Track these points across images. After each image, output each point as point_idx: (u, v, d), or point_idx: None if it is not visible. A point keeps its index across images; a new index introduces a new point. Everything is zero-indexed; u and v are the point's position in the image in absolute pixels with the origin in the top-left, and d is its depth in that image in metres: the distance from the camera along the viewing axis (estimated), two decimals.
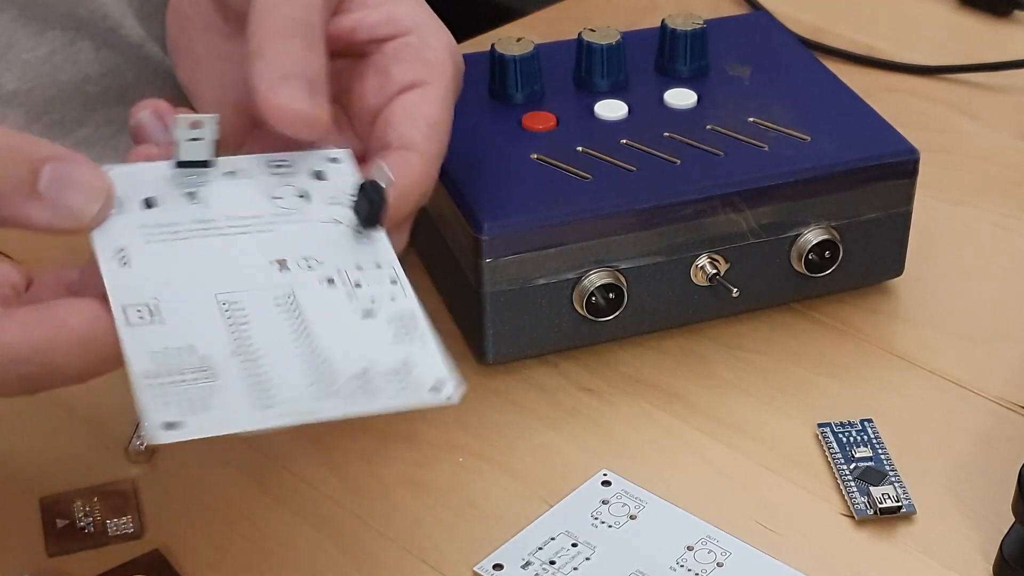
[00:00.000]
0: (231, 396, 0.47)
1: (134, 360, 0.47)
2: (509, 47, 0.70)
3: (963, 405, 0.65)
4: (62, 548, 0.58)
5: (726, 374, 0.66)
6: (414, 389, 0.49)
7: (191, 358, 0.48)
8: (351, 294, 0.51)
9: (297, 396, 0.48)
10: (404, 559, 0.58)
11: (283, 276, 0.51)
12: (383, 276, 0.52)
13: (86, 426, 0.63)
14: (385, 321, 0.51)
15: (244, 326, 0.49)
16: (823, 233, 0.67)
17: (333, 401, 0.48)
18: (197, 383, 0.47)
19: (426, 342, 0.50)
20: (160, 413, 0.46)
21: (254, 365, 0.48)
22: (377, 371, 0.49)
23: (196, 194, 0.53)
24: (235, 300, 0.50)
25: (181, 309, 0.49)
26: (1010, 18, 0.91)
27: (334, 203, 0.54)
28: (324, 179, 0.54)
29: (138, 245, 0.51)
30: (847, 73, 0.78)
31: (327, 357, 0.49)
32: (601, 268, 0.64)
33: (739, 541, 0.58)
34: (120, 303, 0.49)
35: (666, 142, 0.67)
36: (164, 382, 0.47)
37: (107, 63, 0.79)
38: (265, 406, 0.47)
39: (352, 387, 0.49)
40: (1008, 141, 0.81)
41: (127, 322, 0.48)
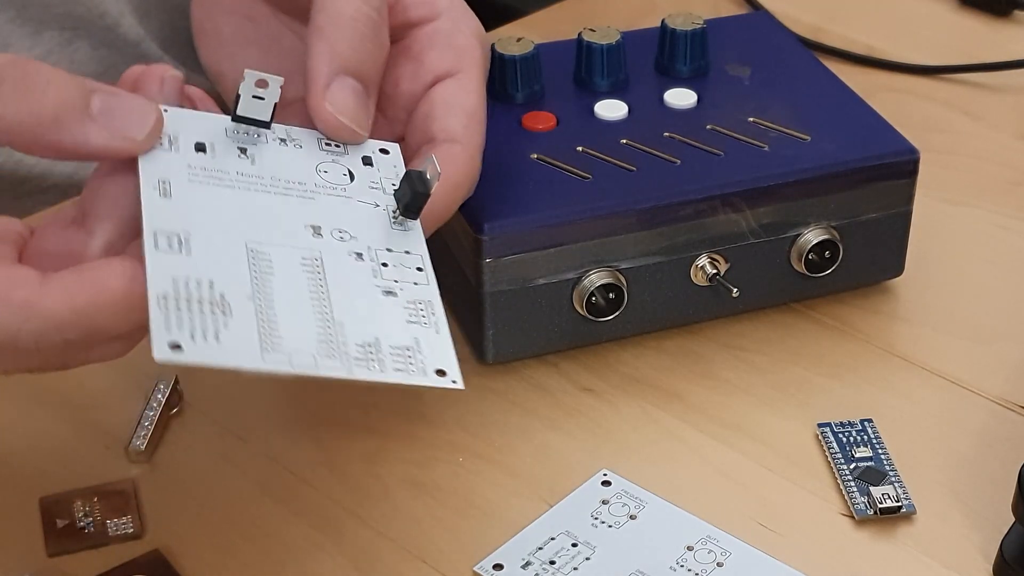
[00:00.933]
0: (240, 333, 0.48)
1: (153, 281, 0.48)
2: (509, 47, 0.70)
3: (963, 405, 0.65)
4: (62, 548, 0.58)
5: (726, 374, 0.66)
6: (420, 368, 0.50)
7: (209, 292, 0.48)
8: (376, 271, 0.52)
9: (304, 348, 0.48)
10: (404, 559, 0.58)
11: (315, 241, 0.52)
12: (411, 262, 0.53)
13: (86, 426, 0.63)
14: (404, 302, 0.51)
15: (267, 275, 0.50)
16: (823, 233, 0.67)
17: (338, 361, 0.49)
18: (211, 315, 0.48)
19: (440, 330, 0.51)
20: (169, 332, 0.47)
21: (268, 311, 0.49)
22: (387, 344, 0.50)
23: (247, 151, 0.54)
24: (263, 251, 0.51)
25: (209, 246, 0.50)
26: (1010, 18, 0.91)
27: (375, 188, 0.55)
28: (371, 165, 0.56)
29: (181, 180, 0.52)
30: (847, 73, 0.78)
31: (341, 320, 0.50)
32: (601, 268, 0.64)
33: (739, 541, 0.58)
34: (152, 228, 0.49)
35: (666, 142, 0.67)
36: (179, 306, 0.47)
37: (104, 62, 0.79)
38: (271, 350, 0.48)
39: (359, 353, 0.49)
40: (1008, 141, 0.81)
41: (155, 246, 0.49)
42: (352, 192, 0.55)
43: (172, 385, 0.63)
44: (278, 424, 0.63)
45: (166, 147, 0.53)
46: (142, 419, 0.62)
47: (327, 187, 0.54)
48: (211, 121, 0.54)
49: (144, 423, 0.62)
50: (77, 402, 0.64)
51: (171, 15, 0.82)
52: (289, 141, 0.55)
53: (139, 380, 0.64)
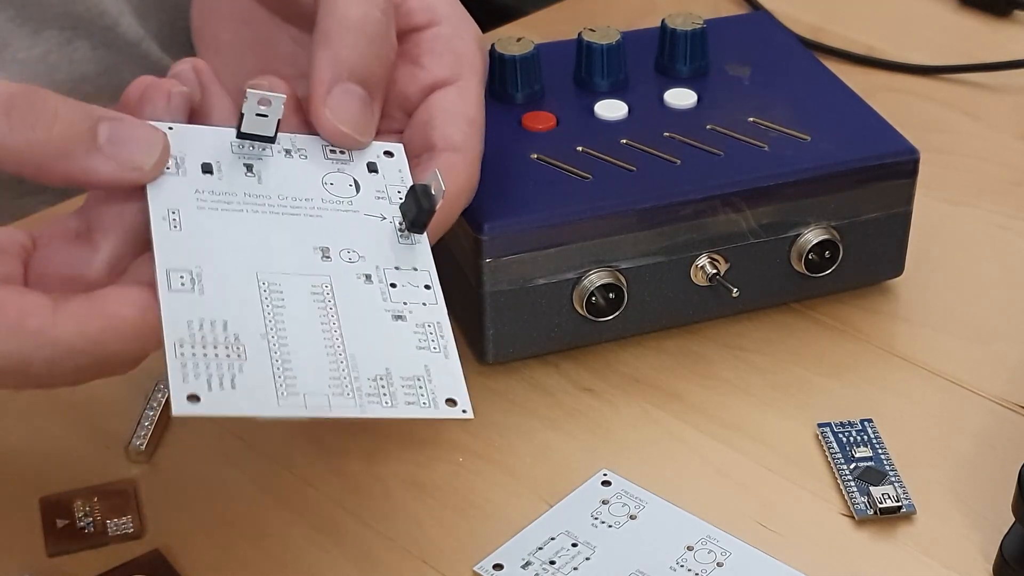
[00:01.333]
0: (256, 379, 0.48)
1: (169, 327, 0.48)
2: (509, 47, 0.70)
3: (963, 405, 0.65)
4: (62, 548, 0.58)
5: (726, 374, 0.66)
6: (431, 399, 0.50)
7: (224, 334, 0.49)
8: (385, 294, 0.52)
9: (317, 389, 0.49)
10: (404, 559, 0.58)
11: (324, 265, 0.52)
12: (419, 280, 0.53)
13: (86, 426, 0.63)
14: (413, 326, 0.52)
15: (280, 309, 0.50)
16: (823, 233, 0.67)
17: (351, 400, 0.49)
18: (226, 359, 0.48)
19: (448, 354, 0.51)
20: (186, 384, 0.47)
21: (282, 350, 0.49)
22: (398, 375, 0.50)
23: (253, 167, 0.54)
24: (275, 282, 0.51)
25: (222, 281, 0.50)
26: (1010, 18, 0.91)
27: (381, 198, 0.55)
28: (376, 172, 0.56)
29: (189, 209, 0.52)
30: (847, 73, 0.78)
31: (353, 353, 0.50)
32: (601, 268, 0.64)
33: (739, 541, 0.58)
34: (165, 266, 0.50)
35: (666, 142, 0.67)
36: (195, 352, 0.48)
37: (104, 62, 0.79)
38: (285, 394, 0.48)
39: (371, 388, 0.50)
40: (1008, 141, 0.81)
41: (168, 287, 0.49)
42: (358, 205, 0.55)
43: None
44: (278, 424, 0.63)
45: (173, 170, 0.53)
46: (142, 419, 0.62)
47: (334, 201, 0.54)
48: (216, 136, 0.54)
49: (144, 423, 0.62)
50: (77, 402, 0.64)
51: (170, 15, 0.82)
52: (294, 152, 0.55)
53: (139, 380, 0.64)
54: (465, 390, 0.51)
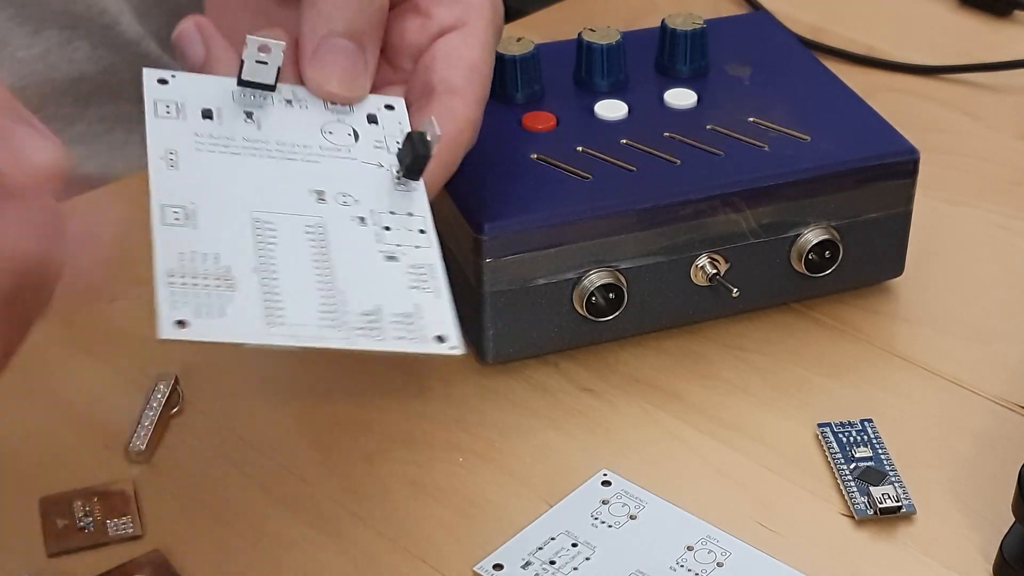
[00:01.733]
0: (244, 308, 0.48)
1: (161, 258, 0.49)
2: (509, 47, 0.70)
3: (963, 405, 0.64)
4: (62, 548, 0.58)
5: (726, 374, 0.66)
6: (420, 335, 0.50)
7: (215, 266, 0.49)
8: (379, 236, 0.52)
9: (306, 320, 0.49)
10: (404, 559, 0.58)
11: (319, 207, 0.52)
12: (413, 224, 0.53)
13: (86, 426, 0.63)
14: (406, 267, 0.52)
15: (271, 245, 0.51)
16: (823, 233, 0.67)
17: (340, 331, 0.49)
18: (216, 290, 0.48)
19: (440, 294, 0.52)
20: (174, 310, 0.47)
21: (272, 283, 0.49)
22: (388, 311, 0.50)
23: (253, 115, 0.55)
24: (268, 220, 0.51)
25: (215, 218, 0.51)
26: (1010, 18, 0.91)
27: (379, 147, 0.55)
28: (376, 123, 0.56)
29: (188, 150, 0.53)
30: (847, 73, 0.78)
31: (343, 289, 0.50)
32: (601, 268, 0.64)
33: (739, 541, 0.58)
34: (159, 202, 0.50)
35: (666, 142, 0.67)
36: (185, 282, 0.48)
37: (103, 61, 0.79)
38: (274, 323, 0.48)
39: (361, 322, 0.50)
40: (1008, 141, 0.81)
41: (162, 221, 0.50)
42: (356, 153, 0.55)
43: (172, 385, 0.63)
44: (278, 424, 0.63)
45: (173, 115, 0.54)
46: (142, 419, 0.62)
47: (332, 149, 0.55)
48: (217, 85, 0.55)
49: (144, 423, 0.62)
50: (77, 402, 0.64)
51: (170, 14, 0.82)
52: (295, 102, 0.56)
53: (139, 380, 0.64)
54: (456, 328, 0.51)
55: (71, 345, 0.66)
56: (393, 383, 0.65)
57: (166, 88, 0.55)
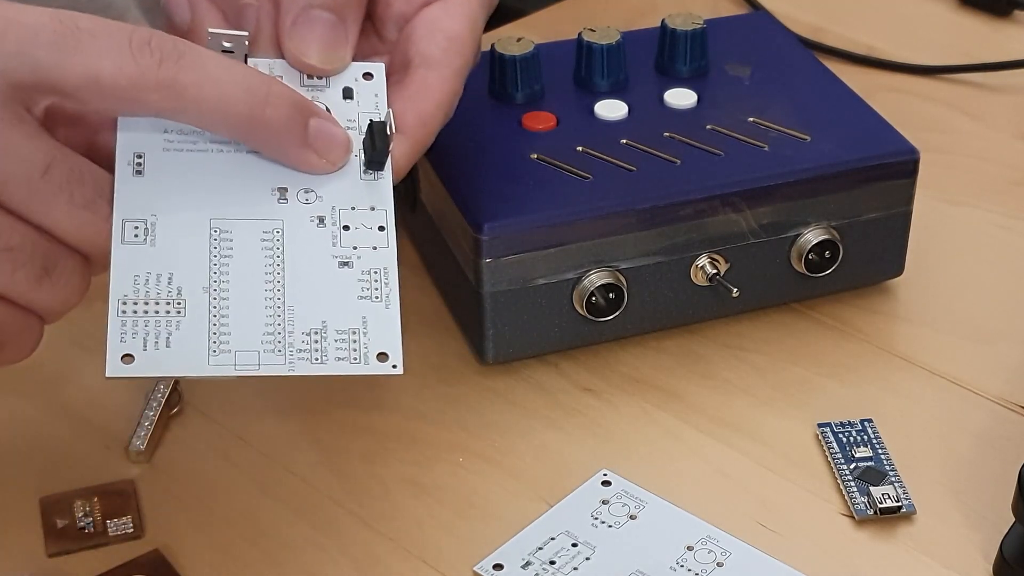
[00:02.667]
0: (190, 337, 0.49)
1: (116, 282, 0.49)
2: (509, 47, 0.70)
3: (963, 405, 0.65)
4: (62, 548, 0.58)
5: (726, 374, 0.66)
6: (363, 355, 0.51)
7: (167, 288, 0.50)
8: (336, 237, 0.53)
9: (249, 346, 0.50)
10: (404, 559, 0.58)
11: (279, 208, 0.53)
12: (374, 221, 0.53)
13: (86, 426, 0.63)
14: (359, 273, 0.52)
15: (227, 259, 0.51)
16: (823, 233, 0.67)
17: (280, 357, 0.50)
18: (166, 316, 0.49)
19: (389, 304, 0.52)
20: (122, 344, 0.48)
21: (222, 304, 0.50)
22: (332, 328, 0.51)
23: None
24: (226, 228, 0.52)
25: (174, 230, 0.51)
26: (1010, 18, 0.91)
27: (351, 127, 0.55)
28: (351, 98, 0.56)
29: (156, 153, 0.53)
30: (847, 73, 0.78)
31: (291, 305, 0.51)
32: (601, 268, 0.64)
33: (739, 541, 0.58)
34: (121, 216, 0.51)
35: (666, 142, 0.67)
36: (136, 310, 0.49)
37: None
38: (217, 352, 0.49)
39: (303, 343, 0.50)
40: (1008, 141, 0.81)
41: (122, 240, 0.50)
42: None
43: (172, 385, 0.63)
44: (278, 424, 0.63)
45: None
46: (142, 419, 0.62)
47: None
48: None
49: (144, 423, 0.62)
50: (77, 402, 0.64)
51: None
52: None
53: (139, 380, 0.64)
54: (399, 344, 0.51)
55: (72, 345, 0.66)
56: (393, 383, 0.65)
57: None
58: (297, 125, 0.52)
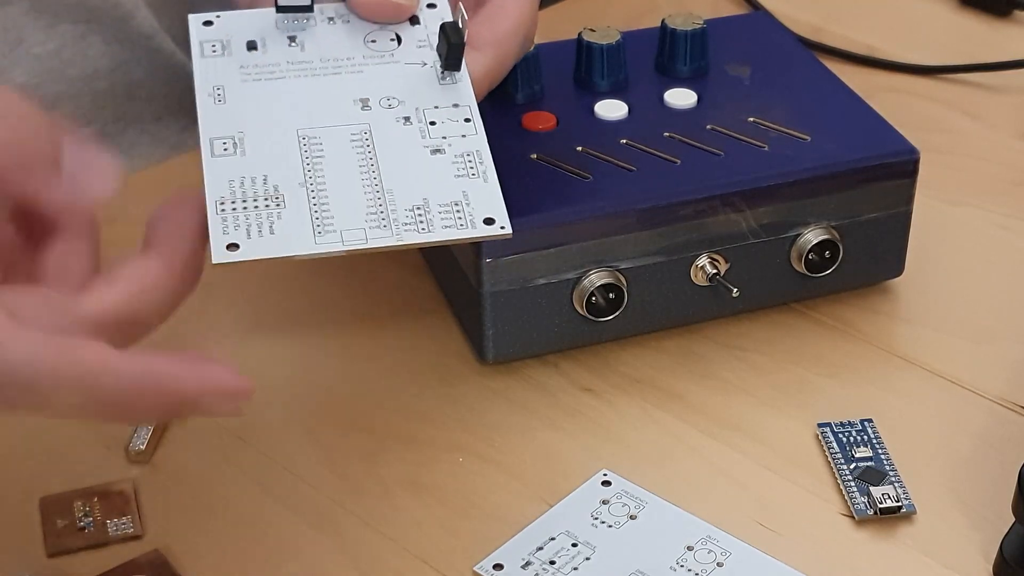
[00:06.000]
0: (293, 223, 0.50)
1: (211, 187, 0.50)
2: None
3: (963, 405, 0.65)
4: (62, 548, 0.58)
5: (726, 374, 0.66)
6: (468, 220, 0.52)
7: (263, 187, 0.51)
8: (424, 132, 0.54)
9: (355, 223, 0.50)
10: (404, 559, 0.58)
11: (364, 114, 0.54)
12: (458, 115, 0.55)
13: (86, 426, 0.63)
14: (452, 157, 0.53)
15: (318, 159, 0.52)
16: (823, 233, 0.67)
17: (387, 231, 0.51)
18: (265, 209, 0.50)
19: (488, 178, 0.53)
20: (224, 236, 0.49)
21: (321, 194, 0.51)
22: (435, 202, 0.52)
23: (296, 38, 0.56)
24: (315, 135, 0.53)
25: (263, 142, 0.52)
26: (1010, 18, 0.91)
27: (423, 46, 0.57)
28: (418, 23, 0.57)
29: (234, 84, 0.55)
30: (847, 73, 0.78)
31: (390, 188, 0.52)
32: (601, 268, 0.64)
33: (739, 541, 0.58)
34: (208, 135, 0.52)
35: (666, 142, 0.67)
36: (235, 206, 0.50)
37: (117, 58, 0.79)
38: (322, 232, 0.50)
39: (408, 217, 0.51)
40: (1008, 141, 0.81)
41: (212, 153, 0.52)
42: (399, 56, 0.56)
43: None
44: (278, 424, 0.63)
45: (219, 52, 0.56)
46: None
47: (375, 56, 0.56)
48: (261, 18, 0.57)
49: None
50: None
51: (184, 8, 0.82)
52: (338, 18, 0.57)
53: None
54: (504, 209, 0.52)
55: None
56: (393, 383, 0.65)
57: (211, 29, 0.57)
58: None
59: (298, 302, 0.70)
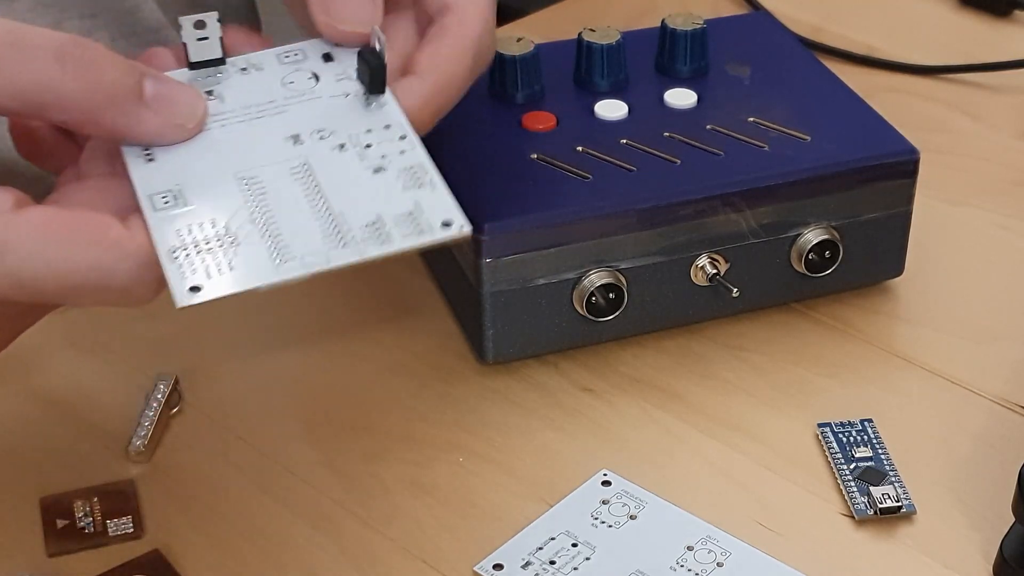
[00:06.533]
0: (251, 257, 0.49)
1: (160, 239, 0.49)
2: (509, 47, 0.70)
3: (963, 405, 0.65)
4: (62, 548, 0.58)
5: (726, 374, 0.66)
6: (426, 228, 0.51)
7: (213, 229, 0.50)
8: (362, 155, 0.53)
9: (313, 248, 0.50)
10: (404, 559, 0.58)
11: (297, 149, 0.53)
12: (392, 135, 0.54)
13: (86, 426, 0.63)
14: (395, 173, 0.52)
15: (262, 196, 0.51)
16: (823, 233, 0.67)
17: (348, 248, 0.50)
18: (220, 248, 0.49)
19: (435, 186, 0.52)
20: (185, 280, 0.48)
21: (273, 227, 0.50)
22: (389, 217, 0.51)
23: (214, 92, 0.55)
24: (254, 175, 0.52)
25: (203, 190, 0.51)
26: (1010, 18, 0.91)
27: (342, 79, 0.56)
28: (332, 60, 0.56)
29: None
30: (847, 73, 0.78)
31: (340, 210, 0.51)
32: (601, 268, 0.64)
33: (739, 541, 0.58)
34: (146, 193, 0.51)
35: (666, 142, 0.67)
36: (188, 253, 0.49)
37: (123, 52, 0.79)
38: (283, 260, 0.49)
39: (366, 233, 0.50)
40: (1008, 141, 0.81)
41: (154, 208, 0.51)
42: (321, 91, 0.55)
43: (172, 385, 0.64)
44: (278, 424, 0.63)
45: None
46: (142, 419, 0.62)
47: (296, 96, 0.55)
48: (175, 76, 0.55)
49: (144, 423, 0.62)
50: (77, 402, 0.64)
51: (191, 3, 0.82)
52: (250, 67, 0.56)
53: (139, 380, 0.64)
54: (459, 210, 0.51)
55: (71, 345, 0.66)
56: (393, 383, 0.65)
57: None
58: (128, 84, 0.52)
59: (298, 303, 0.70)
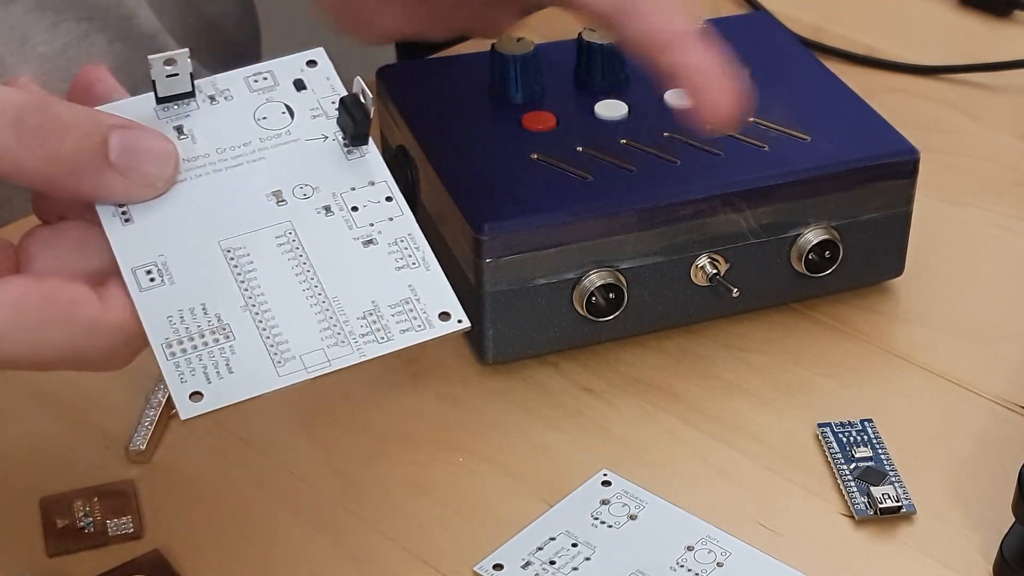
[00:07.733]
0: (249, 356, 0.48)
1: (152, 330, 0.48)
2: (509, 47, 0.70)
3: (963, 405, 0.65)
4: (62, 548, 0.58)
5: (726, 374, 0.66)
6: (424, 320, 0.50)
7: (206, 317, 0.49)
8: (349, 221, 0.52)
9: (311, 346, 0.49)
10: (404, 559, 0.58)
11: (281, 211, 0.52)
12: (378, 194, 0.52)
13: (86, 426, 0.63)
14: (386, 247, 0.51)
15: (251, 274, 0.50)
16: (823, 233, 0.67)
17: (346, 347, 0.49)
18: (216, 345, 0.48)
19: (429, 266, 0.51)
20: (184, 385, 0.47)
21: (266, 316, 0.49)
22: (385, 305, 0.50)
23: (183, 127, 0.53)
24: (239, 246, 0.51)
25: (188, 264, 0.50)
26: (1010, 18, 0.91)
27: (317, 115, 0.54)
28: (304, 88, 0.54)
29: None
30: (847, 73, 0.78)
31: (336, 296, 0.50)
32: (601, 268, 0.64)
33: (739, 541, 0.58)
34: (129, 266, 0.50)
35: (666, 142, 0.67)
36: (184, 348, 0.48)
37: (120, 57, 0.79)
38: (282, 363, 0.48)
39: (363, 327, 0.49)
40: (1008, 141, 0.81)
41: (139, 288, 0.49)
42: (297, 132, 0.53)
43: None
44: (278, 424, 0.63)
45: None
46: (142, 419, 0.62)
47: (271, 137, 0.53)
48: (141, 106, 0.53)
49: (144, 423, 0.62)
50: (77, 402, 0.64)
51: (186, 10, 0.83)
52: (218, 95, 0.54)
53: (139, 380, 0.64)
54: (456, 300, 0.50)
55: None
56: (393, 383, 0.65)
57: None
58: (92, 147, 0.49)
59: None
